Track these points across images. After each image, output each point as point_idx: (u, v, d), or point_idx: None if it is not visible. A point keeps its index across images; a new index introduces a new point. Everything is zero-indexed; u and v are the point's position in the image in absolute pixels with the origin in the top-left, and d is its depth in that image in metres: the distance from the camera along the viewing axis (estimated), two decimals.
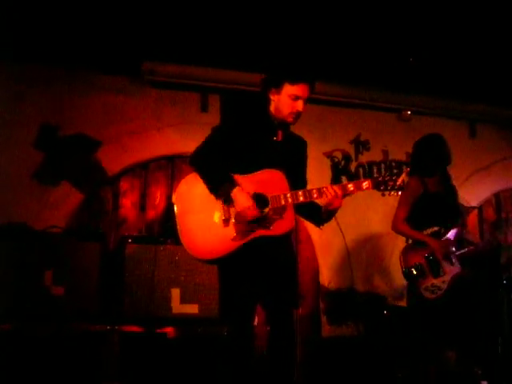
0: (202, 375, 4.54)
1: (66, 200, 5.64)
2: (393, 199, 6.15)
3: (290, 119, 3.49)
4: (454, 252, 4.59)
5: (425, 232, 4.67)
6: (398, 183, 3.42)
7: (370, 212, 6.47)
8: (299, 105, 3.44)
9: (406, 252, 4.71)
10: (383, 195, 3.44)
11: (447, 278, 4.52)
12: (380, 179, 3.43)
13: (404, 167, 3.44)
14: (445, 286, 4.49)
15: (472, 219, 6.80)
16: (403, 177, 3.42)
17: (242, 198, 3.26)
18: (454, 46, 5.40)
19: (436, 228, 4.65)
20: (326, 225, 3.62)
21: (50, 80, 5.70)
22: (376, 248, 6.46)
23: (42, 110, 5.66)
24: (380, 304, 6.14)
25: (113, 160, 5.80)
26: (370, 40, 5.32)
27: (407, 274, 4.62)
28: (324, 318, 6.19)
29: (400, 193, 3.45)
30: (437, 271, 4.53)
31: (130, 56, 5.54)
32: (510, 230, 6.92)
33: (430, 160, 4.79)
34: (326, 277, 6.28)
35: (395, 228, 4.81)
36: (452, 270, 4.55)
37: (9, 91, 5.53)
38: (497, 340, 4.89)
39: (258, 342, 3.58)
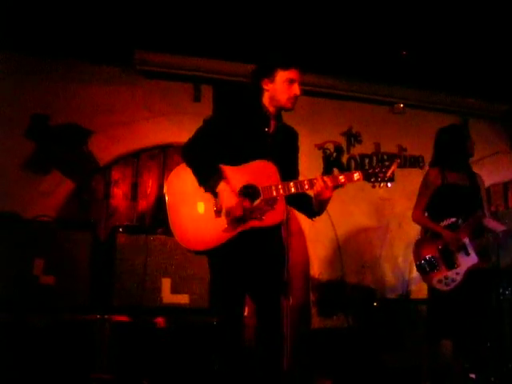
0: (193, 365, 4.55)
1: (57, 189, 5.62)
2: (384, 192, 6.23)
3: (289, 104, 3.49)
4: (468, 242, 4.58)
5: (442, 223, 4.65)
6: (387, 175, 3.42)
7: (362, 204, 6.49)
8: (296, 88, 3.45)
9: (418, 245, 4.71)
10: (374, 187, 3.44)
11: (462, 269, 4.50)
12: (370, 171, 3.43)
13: (395, 159, 3.43)
14: (459, 278, 4.48)
15: None
16: (393, 168, 3.42)
17: (226, 196, 3.25)
18: (447, 40, 5.41)
19: (453, 219, 4.63)
20: (317, 217, 3.62)
21: (40, 70, 5.67)
22: (367, 240, 6.48)
23: (33, 100, 5.63)
24: (370, 296, 6.17)
25: (104, 149, 5.79)
26: (363, 32, 5.32)
27: (419, 268, 4.61)
28: (314, 310, 6.21)
29: (390, 185, 3.45)
30: (451, 263, 4.53)
31: (121, 46, 5.52)
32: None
33: (454, 153, 4.77)
34: (317, 268, 6.29)
35: (414, 219, 4.80)
36: (467, 261, 4.53)
37: None
38: (486, 333, 4.91)
39: (248, 332, 3.59)
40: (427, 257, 4.59)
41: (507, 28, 5.14)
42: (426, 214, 4.77)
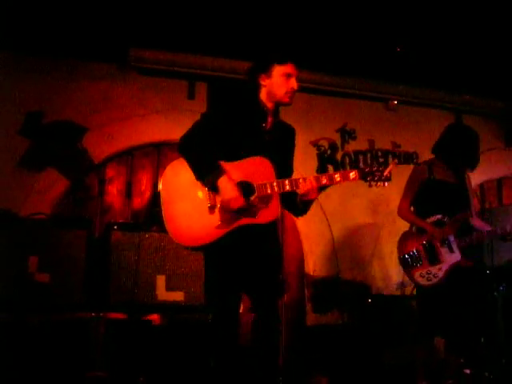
0: (188, 362, 4.55)
1: (52, 187, 5.61)
2: (379, 189, 6.24)
3: (287, 99, 3.50)
4: (454, 240, 4.59)
5: (429, 220, 4.63)
6: (384, 174, 3.43)
7: (356, 201, 6.50)
8: (293, 82, 3.47)
9: (403, 239, 4.70)
10: (370, 186, 3.45)
11: (445, 265, 4.50)
12: (367, 170, 3.43)
13: (391, 159, 3.43)
14: (441, 274, 4.48)
15: None
16: (390, 168, 3.43)
17: (228, 188, 3.26)
18: (441, 36, 5.41)
19: (439, 216, 4.63)
20: (312, 214, 3.62)
21: (35, 67, 5.65)
22: (361, 237, 6.50)
23: (27, 98, 5.62)
24: (364, 292, 6.18)
25: (99, 147, 5.78)
26: (357, 29, 5.32)
27: (402, 261, 4.62)
28: (309, 306, 6.22)
29: (386, 184, 3.46)
30: (433, 258, 4.53)
31: (116, 43, 5.51)
32: (493, 220, 6.96)
33: (462, 155, 4.76)
34: (312, 265, 6.30)
35: (400, 214, 4.76)
36: (451, 257, 4.53)
37: None
38: (480, 329, 4.93)
39: (242, 329, 3.59)
40: (410, 251, 4.60)
41: (502, 24, 5.14)
42: (412, 210, 4.77)
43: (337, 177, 3.39)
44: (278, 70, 3.46)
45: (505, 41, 5.41)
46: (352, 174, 3.42)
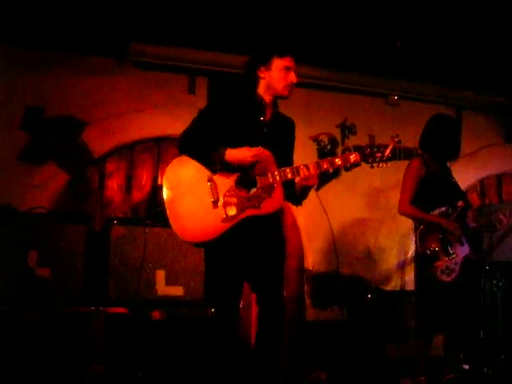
0: (187, 357, 4.56)
1: (51, 181, 5.60)
2: (380, 182, 6.25)
3: (286, 92, 3.52)
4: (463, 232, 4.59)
5: (433, 213, 4.60)
6: (385, 154, 3.41)
7: (356, 196, 6.50)
8: (292, 76, 3.49)
9: (422, 236, 4.58)
10: (372, 167, 3.43)
11: (458, 259, 4.49)
12: (368, 151, 3.43)
13: (393, 139, 3.40)
14: (457, 268, 4.46)
15: None
16: (391, 147, 3.41)
17: (236, 152, 3.31)
18: (441, 31, 5.40)
19: (443, 208, 4.62)
20: (312, 209, 3.63)
21: (35, 61, 5.64)
22: (361, 232, 6.49)
23: (27, 92, 5.61)
24: (364, 288, 6.18)
25: (99, 141, 5.77)
26: (357, 24, 5.31)
27: (425, 258, 4.55)
28: (308, 302, 6.22)
29: (388, 164, 3.44)
30: (449, 252, 4.51)
31: (116, 37, 5.49)
32: (493, 216, 6.96)
33: (444, 146, 4.76)
34: (311, 261, 6.30)
35: (401, 210, 4.70)
36: (462, 250, 4.53)
37: None
38: (479, 324, 4.93)
39: (242, 324, 3.60)
40: (432, 246, 4.55)
41: (502, 20, 5.14)
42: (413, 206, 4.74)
43: (337, 160, 3.40)
44: (278, 63, 3.47)
45: (505, 36, 5.40)
46: (352, 157, 3.42)
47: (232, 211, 3.30)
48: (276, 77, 3.48)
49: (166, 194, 3.40)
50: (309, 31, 5.35)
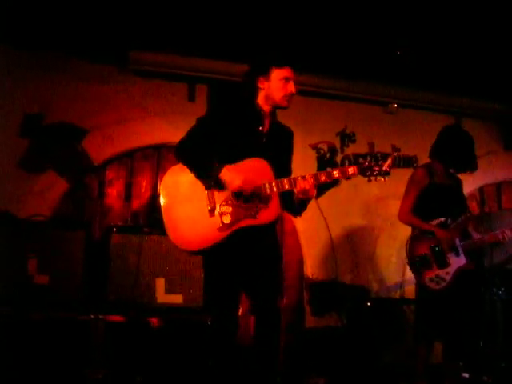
0: (186, 364, 4.55)
1: (51, 188, 5.61)
2: (379, 190, 6.25)
3: (285, 102, 3.51)
4: (459, 243, 4.59)
5: (432, 223, 4.63)
6: (383, 168, 3.41)
7: (355, 204, 6.51)
8: (291, 86, 3.48)
9: (412, 242, 4.69)
10: (369, 181, 3.44)
11: (451, 269, 4.51)
12: (366, 165, 3.43)
13: (391, 152, 3.42)
14: (448, 278, 4.49)
15: None
16: (389, 162, 3.41)
17: (232, 176, 3.28)
18: (440, 39, 5.41)
19: (442, 219, 4.64)
20: (311, 217, 3.63)
21: (35, 68, 5.65)
22: (361, 239, 6.49)
23: (27, 98, 5.62)
24: (363, 295, 6.18)
25: (98, 149, 5.78)
26: (357, 32, 5.32)
27: (412, 265, 4.61)
28: (308, 309, 6.22)
29: (386, 179, 3.44)
30: (442, 262, 4.53)
31: (116, 45, 5.51)
32: (493, 225, 6.96)
33: (461, 158, 4.78)
34: (311, 268, 6.30)
35: (401, 218, 4.76)
36: (457, 261, 4.54)
37: None
38: (478, 333, 4.93)
39: (241, 331, 3.59)
40: (420, 254, 4.59)
41: (501, 27, 5.15)
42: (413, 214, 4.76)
43: (335, 173, 3.39)
44: (277, 74, 3.47)
45: (504, 44, 5.41)
46: (351, 170, 3.42)
47: (228, 220, 3.31)
48: (275, 87, 3.48)
49: (163, 201, 3.40)
50: (308, 39, 5.36)
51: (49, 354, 4.34)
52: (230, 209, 3.32)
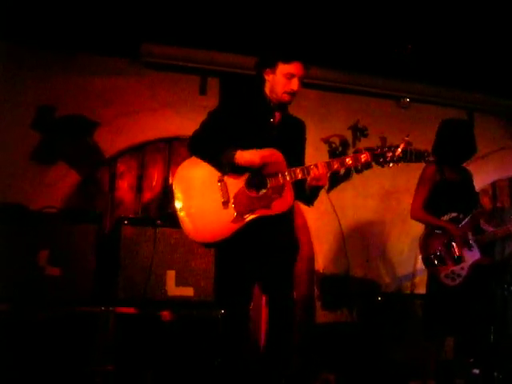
0: (197, 357, 4.55)
1: (62, 181, 5.62)
2: (391, 185, 6.22)
3: (285, 98, 3.50)
4: (472, 238, 4.58)
5: (443, 218, 4.62)
6: (396, 153, 3.39)
7: (367, 198, 6.49)
8: (294, 83, 3.45)
9: (425, 239, 4.67)
10: (383, 167, 3.41)
11: (466, 264, 4.50)
12: (378, 151, 3.41)
13: (403, 138, 3.40)
14: (464, 273, 4.48)
15: None
16: (402, 147, 3.39)
17: (247, 153, 3.29)
18: (454, 34, 5.39)
19: (454, 214, 4.62)
20: (322, 211, 3.62)
21: (47, 61, 5.66)
22: (372, 234, 6.48)
23: (39, 92, 5.63)
24: (375, 290, 6.17)
25: (110, 142, 5.78)
26: (370, 26, 5.31)
27: (427, 261, 4.60)
28: (318, 304, 6.21)
29: (399, 164, 3.42)
30: (456, 258, 4.52)
31: (128, 38, 5.51)
32: (505, 219, 6.93)
33: (457, 149, 4.76)
34: (321, 263, 6.29)
35: (413, 215, 4.75)
36: (471, 256, 4.53)
37: (5, 73, 5.48)
38: (489, 329, 4.91)
39: (252, 325, 3.59)
40: (436, 250, 4.58)
41: None
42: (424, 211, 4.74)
43: (348, 160, 3.38)
44: (282, 69, 3.45)
45: None
46: (363, 157, 3.40)
47: (242, 211, 3.30)
48: (278, 81, 3.47)
49: (176, 194, 3.41)
50: (321, 33, 5.35)
51: (59, 346, 4.34)
52: (244, 200, 3.32)
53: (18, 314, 4.34)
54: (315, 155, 6.02)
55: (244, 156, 3.30)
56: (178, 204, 3.39)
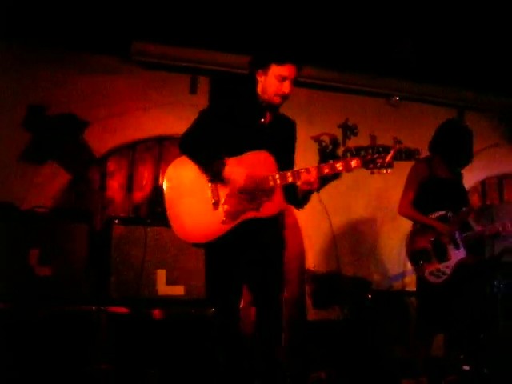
0: (187, 356, 4.56)
1: (53, 180, 5.61)
2: (381, 183, 6.24)
3: (276, 100, 3.49)
4: (459, 236, 4.60)
5: (432, 216, 4.65)
6: (386, 160, 3.40)
7: (357, 197, 6.51)
8: (285, 86, 3.44)
9: (412, 236, 4.70)
10: (372, 173, 3.43)
11: (452, 262, 4.53)
12: (368, 157, 3.41)
13: (393, 145, 3.42)
14: (449, 271, 4.50)
15: None
16: (392, 154, 3.40)
17: (235, 171, 3.30)
18: (443, 32, 5.40)
19: (443, 212, 4.64)
20: (313, 209, 3.63)
21: (37, 59, 5.64)
22: (362, 232, 6.50)
23: (29, 90, 5.60)
24: (365, 288, 6.18)
25: (100, 141, 5.77)
26: (359, 25, 5.31)
27: (413, 258, 4.62)
28: (309, 302, 6.22)
29: (389, 171, 3.44)
30: (442, 256, 4.54)
31: (119, 36, 5.49)
32: (494, 217, 6.96)
33: (457, 153, 4.78)
34: (312, 261, 6.30)
35: (401, 212, 4.77)
36: (457, 254, 4.55)
37: None
38: (478, 326, 4.93)
39: (243, 324, 3.60)
40: (421, 248, 4.60)
41: (504, 19, 5.13)
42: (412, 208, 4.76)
43: (338, 166, 3.38)
44: (274, 70, 3.44)
45: (508, 36, 5.40)
46: (353, 162, 3.40)
47: (232, 213, 3.31)
48: (269, 83, 3.46)
49: (166, 193, 3.41)
50: (311, 31, 5.35)
51: (51, 346, 4.34)
52: (234, 202, 3.33)
53: (8, 313, 4.33)
54: (305, 154, 6.03)
55: (232, 174, 3.30)
56: (167, 203, 3.40)
